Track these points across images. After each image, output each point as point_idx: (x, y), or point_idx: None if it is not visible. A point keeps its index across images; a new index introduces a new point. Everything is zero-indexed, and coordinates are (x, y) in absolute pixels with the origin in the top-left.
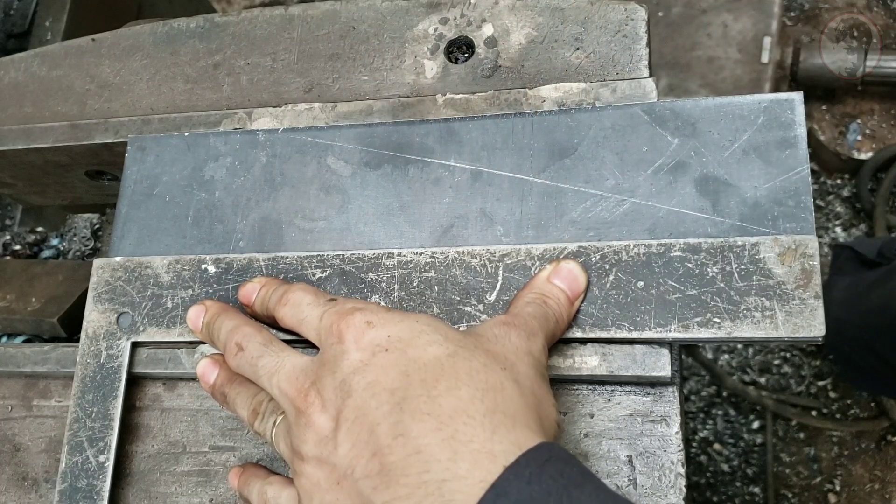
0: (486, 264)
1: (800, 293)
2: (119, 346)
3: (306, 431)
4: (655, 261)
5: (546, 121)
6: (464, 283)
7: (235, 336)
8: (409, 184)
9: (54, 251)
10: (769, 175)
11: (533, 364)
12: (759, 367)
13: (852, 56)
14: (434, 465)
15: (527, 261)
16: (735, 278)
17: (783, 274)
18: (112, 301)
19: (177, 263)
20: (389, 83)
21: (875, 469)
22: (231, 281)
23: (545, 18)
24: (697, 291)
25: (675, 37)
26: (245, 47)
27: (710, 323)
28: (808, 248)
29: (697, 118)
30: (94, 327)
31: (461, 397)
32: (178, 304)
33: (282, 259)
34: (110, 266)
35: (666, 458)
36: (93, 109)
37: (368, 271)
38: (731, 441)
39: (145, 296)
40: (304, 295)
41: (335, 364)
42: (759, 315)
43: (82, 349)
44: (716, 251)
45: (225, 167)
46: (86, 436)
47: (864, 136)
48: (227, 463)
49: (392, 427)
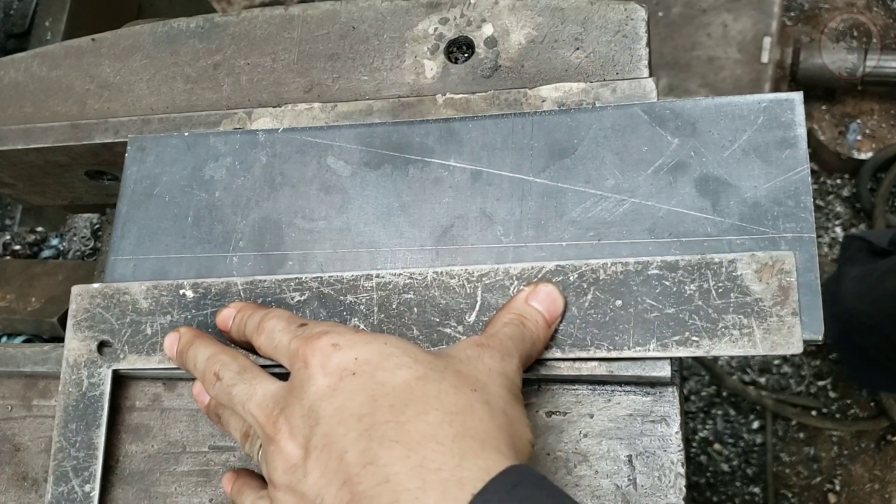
0: (465, 284)
1: (777, 310)
2: (100, 374)
3: (276, 458)
4: (633, 279)
5: (546, 121)
6: (443, 304)
7: (213, 366)
8: (409, 184)
9: (54, 251)
10: (769, 175)
11: (505, 385)
12: (758, 367)
13: (852, 56)
14: (403, 495)
15: (505, 280)
16: (713, 296)
17: (761, 291)
18: (92, 328)
19: (155, 289)
20: (389, 83)
21: (875, 469)
22: (209, 306)
23: (545, 18)
24: (675, 310)
25: (675, 37)
26: (245, 47)
27: (688, 341)
28: (785, 265)
29: (697, 118)
30: (75, 355)
31: (430, 422)
32: (157, 330)
33: (260, 283)
34: (88, 293)
35: (666, 458)
36: (93, 109)
37: (347, 294)
38: (731, 441)
39: (124, 322)
40: (277, 322)
41: (302, 390)
42: (738, 333)
43: (64, 378)
44: (693, 269)
45: (225, 167)
46: (70, 465)
47: (864, 136)
48: (226, 463)
49: (360, 455)
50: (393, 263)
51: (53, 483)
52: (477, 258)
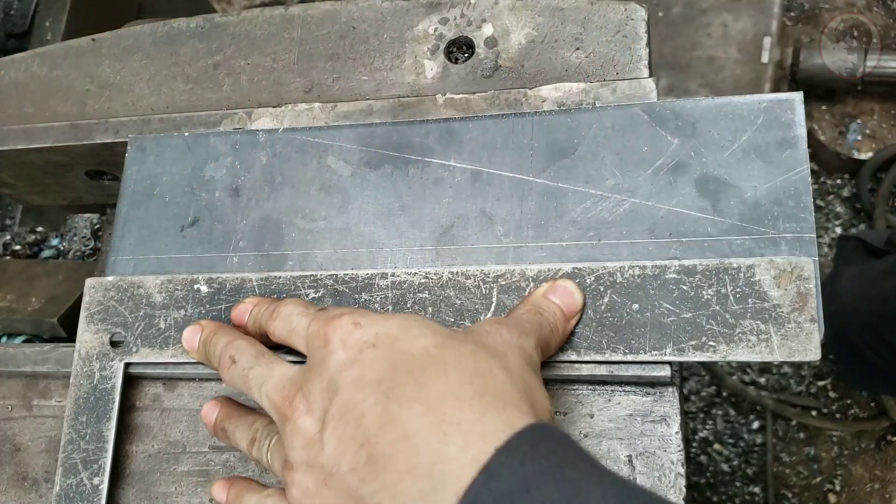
0: (481, 285)
1: (795, 316)
2: (112, 367)
3: (293, 438)
4: (650, 283)
5: (546, 121)
6: (458, 303)
7: (229, 350)
8: (409, 184)
9: (54, 251)
10: (769, 175)
11: (523, 356)
12: (758, 367)
13: (852, 56)
14: (423, 449)
15: (521, 282)
16: (730, 301)
17: (779, 297)
18: (105, 321)
19: (169, 283)
20: (389, 83)
21: (875, 469)
22: (224, 301)
23: (545, 18)
24: (693, 314)
25: (675, 37)
26: (245, 47)
27: (705, 346)
28: (804, 271)
29: (697, 118)
30: (87, 348)
31: (449, 382)
32: (170, 324)
33: (275, 279)
34: (102, 286)
35: (666, 458)
36: (93, 109)
37: (362, 292)
38: (731, 441)
39: (138, 316)
40: (294, 307)
41: (321, 366)
42: (755, 339)
43: (75, 370)
44: (711, 273)
45: (225, 167)
46: (80, 458)
47: (864, 136)
48: (226, 463)
49: (379, 416)
50: (393, 264)
51: (62, 475)
52: (477, 258)
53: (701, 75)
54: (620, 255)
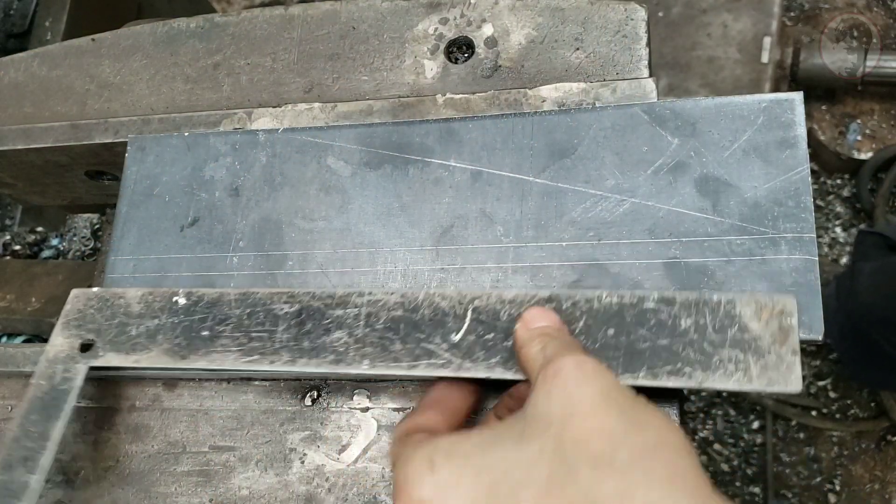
0: (456, 306)
1: (776, 348)
2: (76, 369)
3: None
4: (628, 311)
5: (546, 121)
6: (430, 322)
7: None
8: (409, 184)
9: (54, 251)
10: (769, 175)
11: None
12: None
13: (852, 56)
14: None
15: (497, 304)
16: (709, 331)
17: (759, 329)
18: (80, 328)
19: (150, 295)
20: (389, 83)
21: (875, 469)
22: (199, 313)
23: (545, 18)
24: (669, 341)
25: (675, 37)
26: (245, 47)
27: (680, 372)
28: (786, 307)
29: (697, 118)
30: (56, 351)
31: None
32: (142, 332)
33: (252, 294)
34: (86, 295)
35: None
36: (93, 109)
37: (336, 307)
38: (731, 441)
39: (112, 324)
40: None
41: None
42: (733, 367)
43: (38, 371)
44: (690, 304)
45: (225, 167)
46: (20, 456)
47: (864, 136)
48: (226, 463)
49: None
50: (393, 263)
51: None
52: (477, 258)
53: (701, 75)
54: (620, 255)
